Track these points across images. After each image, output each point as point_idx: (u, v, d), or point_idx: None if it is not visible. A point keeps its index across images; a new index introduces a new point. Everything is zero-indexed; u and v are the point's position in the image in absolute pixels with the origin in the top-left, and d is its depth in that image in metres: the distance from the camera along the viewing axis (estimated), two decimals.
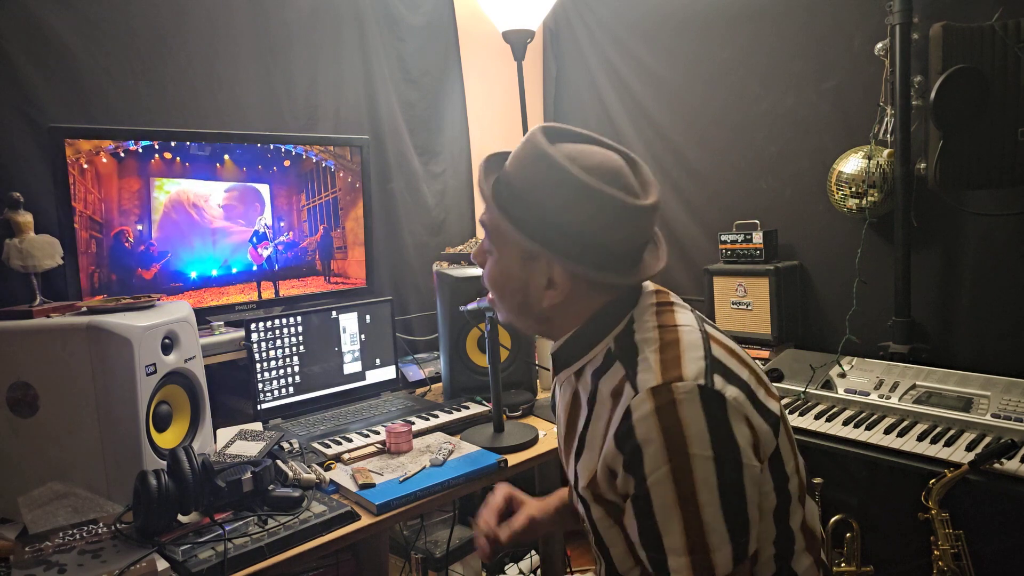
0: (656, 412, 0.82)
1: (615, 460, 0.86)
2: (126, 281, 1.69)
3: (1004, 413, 1.58)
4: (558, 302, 0.95)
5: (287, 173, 2.00)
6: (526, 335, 1.07)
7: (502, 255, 0.97)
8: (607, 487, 0.90)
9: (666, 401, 0.82)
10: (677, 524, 0.82)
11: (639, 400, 0.84)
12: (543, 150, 0.90)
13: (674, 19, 2.52)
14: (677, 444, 0.81)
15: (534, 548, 2.44)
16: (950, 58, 1.67)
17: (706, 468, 0.81)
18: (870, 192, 1.94)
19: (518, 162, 0.94)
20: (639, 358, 0.89)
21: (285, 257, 2.03)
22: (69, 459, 1.29)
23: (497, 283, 1.00)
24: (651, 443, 0.82)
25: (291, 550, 1.19)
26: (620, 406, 0.86)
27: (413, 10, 2.50)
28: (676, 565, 0.82)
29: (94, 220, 1.63)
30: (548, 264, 0.93)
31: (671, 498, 0.81)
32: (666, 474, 0.81)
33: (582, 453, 0.95)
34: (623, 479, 0.86)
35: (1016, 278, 1.82)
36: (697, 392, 0.83)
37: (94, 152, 1.61)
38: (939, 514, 1.48)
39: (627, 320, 0.95)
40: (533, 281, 0.95)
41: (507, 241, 0.96)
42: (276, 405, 1.80)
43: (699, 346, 0.90)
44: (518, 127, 2.48)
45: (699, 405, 0.82)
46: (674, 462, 0.81)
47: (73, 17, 1.73)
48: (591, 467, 0.92)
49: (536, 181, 0.91)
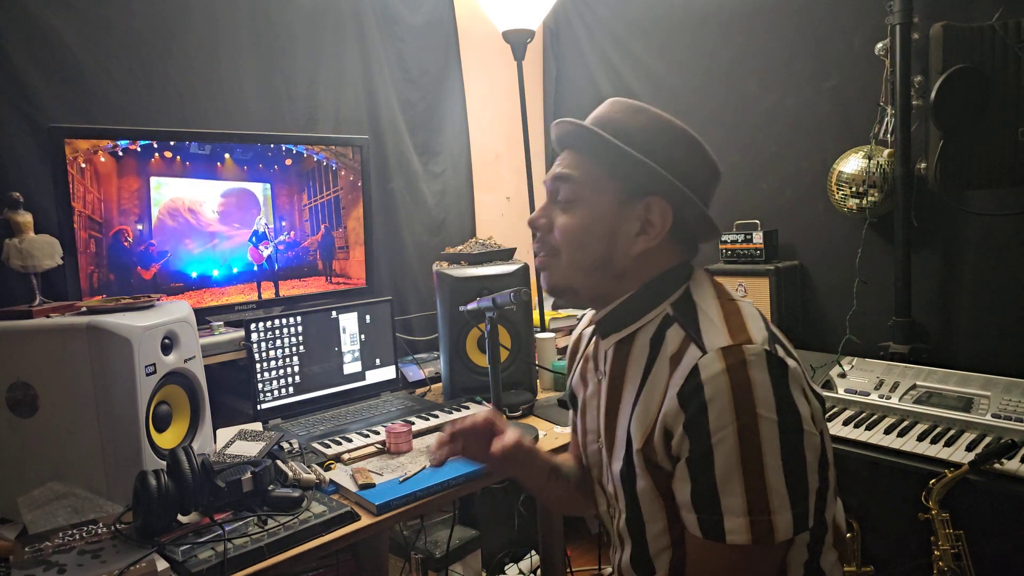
0: (727, 371, 0.83)
1: (675, 419, 0.86)
2: (125, 281, 1.69)
3: (1004, 413, 1.58)
4: (651, 247, 0.96)
5: (288, 172, 2.00)
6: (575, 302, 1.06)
7: (591, 204, 0.97)
8: (661, 449, 0.89)
9: (736, 361, 0.83)
10: (738, 484, 0.81)
11: (708, 359, 0.84)
12: (638, 104, 0.97)
13: (674, 19, 2.52)
14: (745, 404, 0.82)
15: (534, 548, 2.45)
16: (950, 58, 1.66)
17: (771, 430, 0.81)
18: (870, 192, 1.94)
19: (615, 114, 0.98)
20: (702, 322, 0.91)
21: (286, 257, 2.03)
22: (69, 459, 1.28)
23: (576, 235, 0.98)
24: (718, 401, 0.82)
25: (291, 550, 1.19)
26: (683, 366, 0.87)
27: (413, 10, 2.50)
28: (733, 526, 0.82)
29: (93, 220, 1.63)
30: (647, 207, 0.95)
31: (735, 457, 0.81)
32: (732, 433, 0.81)
33: (632, 418, 0.94)
34: (680, 439, 0.86)
35: (1016, 278, 1.82)
36: (764, 356, 0.84)
37: (92, 151, 1.61)
38: (939, 514, 1.48)
39: (684, 289, 0.98)
40: (624, 227, 0.96)
41: (602, 187, 0.97)
42: (276, 405, 1.80)
43: (759, 318, 0.93)
44: (518, 127, 2.48)
45: (766, 369, 0.83)
46: (741, 421, 0.81)
47: (73, 17, 1.73)
48: (646, 429, 0.91)
49: (643, 126, 0.96)
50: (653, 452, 0.90)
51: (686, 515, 0.87)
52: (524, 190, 2.52)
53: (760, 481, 0.81)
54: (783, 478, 0.82)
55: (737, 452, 0.81)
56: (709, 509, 0.84)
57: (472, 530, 2.22)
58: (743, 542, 0.81)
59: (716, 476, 0.82)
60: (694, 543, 0.88)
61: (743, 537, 0.81)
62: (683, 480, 0.87)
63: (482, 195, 2.80)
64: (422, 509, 1.39)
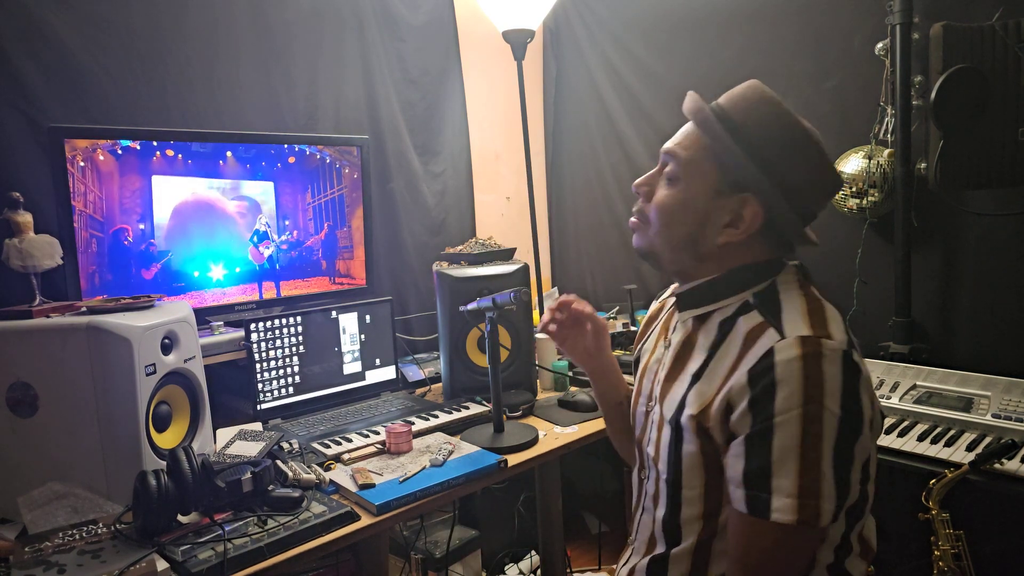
0: (802, 358, 0.85)
1: (740, 394, 0.88)
2: (126, 281, 1.69)
3: (1004, 413, 1.58)
4: (734, 241, 0.98)
5: (291, 170, 1.99)
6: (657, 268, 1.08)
7: (689, 185, 0.99)
8: (718, 420, 0.92)
9: (813, 351, 0.85)
10: (794, 465, 0.84)
11: (786, 344, 0.87)
12: (770, 95, 0.97)
13: (674, 19, 2.52)
14: (814, 393, 0.84)
15: (534, 548, 2.44)
16: (950, 58, 1.66)
17: (832, 424, 0.84)
18: (870, 192, 1.94)
19: (741, 102, 0.99)
20: (784, 311, 0.93)
21: (289, 257, 2.02)
22: (69, 459, 1.28)
23: (669, 212, 1.01)
24: (788, 384, 0.85)
25: (291, 550, 1.19)
26: (758, 346, 0.89)
27: (413, 10, 2.50)
28: (781, 505, 0.84)
29: (95, 219, 1.63)
30: (741, 202, 0.96)
31: (795, 440, 0.84)
32: (797, 416, 0.84)
33: (695, 386, 0.96)
34: (741, 415, 0.88)
35: (1016, 278, 1.82)
36: (841, 354, 0.86)
37: (91, 149, 1.61)
38: (939, 514, 1.48)
39: (770, 283, 0.99)
40: (714, 217, 0.98)
41: (704, 172, 0.98)
42: (276, 405, 1.80)
43: (841, 321, 0.94)
44: (518, 127, 2.48)
45: (840, 366, 0.86)
46: (807, 407, 0.84)
47: (73, 17, 1.73)
48: (705, 398, 0.94)
49: (762, 120, 0.96)
50: (707, 419, 0.93)
51: (734, 490, 0.90)
52: (524, 190, 2.52)
53: (816, 467, 0.84)
54: (833, 470, 0.84)
55: (798, 436, 0.84)
56: (759, 486, 0.86)
57: (472, 530, 2.22)
58: (787, 521, 0.84)
59: (772, 455, 0.85)
60: (736, 519, 0.91)
61: (789, 516, 0.84)
62: (737, 456, 0.89)
63: (482, 195, 2.80)
64: (422, 509, 1.39)
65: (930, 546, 1.52)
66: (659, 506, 1.03)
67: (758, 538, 0.88)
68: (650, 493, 1.07)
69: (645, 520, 1.08)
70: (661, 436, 1.02)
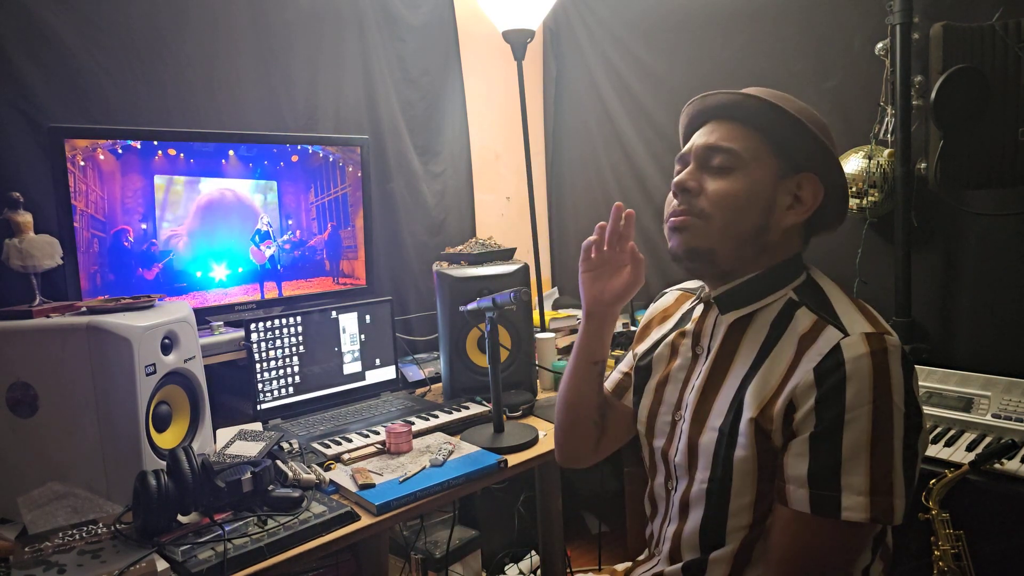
0: (871, 355, 0.86)
1: (806, 393, 0.88)
2: (127, 280, 1.69)
3: (1004, 413, 1.58)
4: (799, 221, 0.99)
5: (295, 168, 1.99)
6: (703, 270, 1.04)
7: (753, 173, 0.98)
8: (779, 421, 0.90)
9: (879, 348, 0.86)
10: (865, 463, 0.84)
11: (852, 340, 0.87)
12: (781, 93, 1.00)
13: (674, 19, 2.52)
14: (884, 389, 0.85)
15: (534, 548, 2.44)
16: (950, 58, 1.66)
17: (900, 420, 0.85)
18: (870, 192, 1.94)
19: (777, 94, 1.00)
20: (838, 308, 0.94)
21: (292, 256, 2.02)
22: (69, 459, 1.28)
23: (736, 202, 0.98)
24: (859, 381, 0.85)
25: (291, 550, 1.19)
26: (821, 344, 0.89)
27: (413, 10, 2.50)
28: (852, 504, 0.84)
29: (96, 219, 1.63)
30: (800, 183, 0.98)
31: (866, 437, 0.84)
32: (868, 413, 0.84)
33: (747, 389, 0.95)
34: (806, 414, 0.87)
35: (1016, 278, 1.82)
36: (900, 351, 0.88)
37: (91, 148, 1.61)
38: (939, 514, 1.48)
39: (805, 276, 1.01)
40: (780, 200, 0.99)
41: (763, 158, 0.99)
42: (276, 405, 1.80)
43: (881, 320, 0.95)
44: (518, 127, 2.48)
45: (901, 363, 0.87)
46: (878, 403, 0.84)
47: (73, 17, 1.73)
48: (763, 399, 0.93)
49: (798, 107, 0.98)
50: (769, 422, 0.91)
51: (795, 490, 0.88)
52: (524, 190, 2.52)
53: (888, 463, 0.84)
54: (902, 466, 0.85)
55: (869, 432, 0.84)
56: (828, 485, 0.85)
57: (472, 530, 2.22)
58: (860, 519, 0.83)
59: (843, 452, 0.85)
60: (791, 519, 0.89)
61: (861, 515, 0.83)
62: (800, 455, 0.88)
63: (482, 195, 2.80)
64: (422, 509, 1.39)
65: (930, 546, 1.52)
66: (692, 515, 1.01)
67: (817, 538, 0.87)
68: (676, 503, 1.04)
69: (671, 530, 1.06)
70: (700, 444, 0.99)
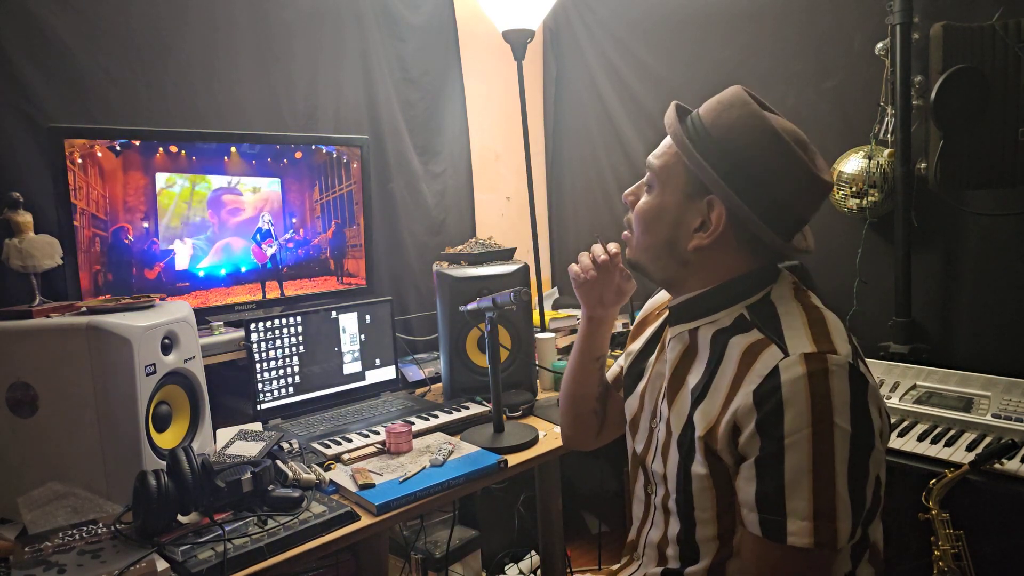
0: (808, 377, 0.84)
1: (747, 416, 0.87)
2: (128, 280, 1.69)
3: (1004, 413, 1.58)
4: (703, 245, 0.97)
5: (299, 165, 1.99)
6: (649, 280, 1.09)
7: (664, 190, 1.01)
8: (725, 443, 0.90)
9: (819, 368, 0.84)
10: (807, 488, 0.83)
11: (790, 362, 0.85)
12: (744, 99, 0.96)
13: (674, 19, 2.52)
14: (823, 411, 0.83)
15: (534, 548, 2.44)
16: (950, 58, 1.66)
17: (844, 440, 0.83)
18: (870, 192, 1.94)
19: (715, 106, 0.99)
20: (784, 327, 0.92)
21: (295, 255, 2.02)
22: (69, 459, 1.28)
23: (647, 216, 1.03)
24: (796, 405, 0.83)
25: (291, 550, 1.19)
26: (761, 364, 0.88)
27: (413, 10, 2.50)
28: (796, 529, 0.83)
29: (98, 217, 1.63)
30: (709, 205, 0.96)
31: (806, 461, 0.83)
32: (807, 437, 0.83)
33: (699, 405, 0.95)
34: (749, 438, 0.87)
35: (1016, 278, 1.82)
36: (847, 368, 0.85)
37: (89, 146, 1.60)
38: (939, 514, 1.48)
39: (764, 294, 0.98)
40: (687, 219, 0.98)
41: (675, 177, 1.00)
42: (276, 405, 1.80)
43: (843, 330, 0.93)
44: (518, 127, 2.48)
45: (847, 380, 0.84)
46: (817, 427, 0.83)
47: (73, 17, 1.73)
48: (710, 419, 0.93)
49: (730, 124, 0.95)
50: (715, 442, 0.91)
51: (747, 514, 0.88)
52: (524, 190, 2.52)
53: (830, 487, 0.82)
54: (847, 487, 0.83)
55: (809, 457, 0.82)
56: (773, 510, 0.85)
57: (472, 530, 2.22)
58: (804, 545, 0.83)
59: (785, 478, 0.84)
60: (751, 542, 0.90)
61: (805, 540, 0.83)
62: (748, 479, 0.88)
63: (482, 195, 2.80)
64: (422, 509, 1.39)
65: (930, 546, 1.52)
66: (671, 523, 1.02)
67: (776, 562, 0.87)
68: (658, 507, 1.05)
69: (654, 535, 1.07)
70: (669, 455, 1.01)
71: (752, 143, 0.94)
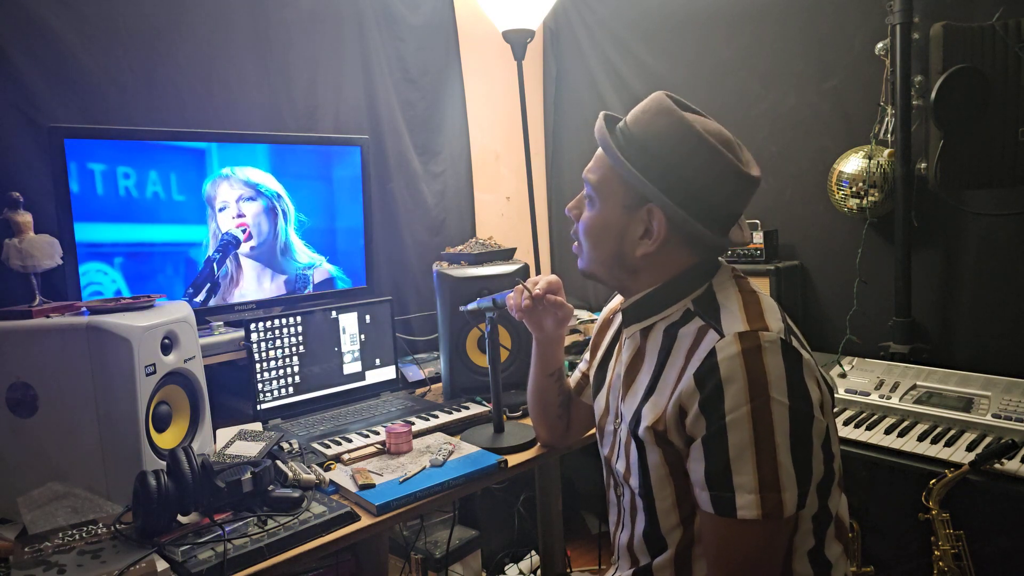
0: (742, 354, 0.88)
1: (690, 398, 0.90)
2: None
3: (1005, 413, 1.58)
4: (650, 251, 1.01)
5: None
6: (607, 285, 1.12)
7: (604, 204, 1.04)
8: (674, 427, 0.94)
9: (752, 346, 0.88)
10: (750, 462, 0.86)
11: (725, 342, 0.89)
12: (668, 106, 0.99)
13: (675, 19, 2.52)
14: (759, 386, 0.86)
15: (534, 548, 2.45)
16: (950, 58, 1.67)
17: (782, 413, 0.86)
18: (870, 192, 1.94)
19: (642, 116, 1.01)
20: (721, 311, 0.96)
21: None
22: (69, 459, 1.28)
23: (593, 231, 1.07)
24: (734, 383, 0.87)
25: (291, 551, 1.18)
26: (701, 349, 0.92)
27: (413, 10, 2.50)
28: (744, 502, 0.86)
29: None
30: (649, 213, 1.00)
31: (748, 437, 0.86)
32: (746, 413, 0.86)
33: (649, 398, 0.99)
34: (694, 419, 0.90)
35: (1016, 278, 1.82)
36: (780, 344, 0.89)
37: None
38: (940, 514, 1.48)
39: (707, 286, 1.03)
40: (631, 230, 1.02)
41: (613, 190, 1.03)
42: (276, 405, 1.80)
43: (777, 310, 0.98)
44: (518, 127, 2.48)
45: (780, 355, 0.88)
46: (755, 403, 0.86)
47: (72, 17, 1.73)
48: (659, 407, 0.96)
49: (659, 132, 0.99)
50: (665, 429, 0.95)
51: (699, 493, 0.91)
52: (524, 190, 2.52)
53: (772, 460, 0.86)
54: (791, 458, 0.86)
55: (751, 431, 0.86)
56: (722, 486, 0.88)
57: (472, 530, 2.22)
58: (753, 517, 0.86)
59: (729, 454, 0.87)
60: (706, 520, 0.93)
61: (753, 512, 0.86)
62: (697, 460, 0.91)
63: (482, 195, 2.79)
64: (422, 509, 1.39)
65: (930, 546, 1.52)
66: (637, 521, 1.05)
67: (730, 537, 0.90)
68: (627, 509, 1.08)
69: (624, 536, 1.10)
70: (629, 452, 1.04)
71: (680, 149, 0.97)
